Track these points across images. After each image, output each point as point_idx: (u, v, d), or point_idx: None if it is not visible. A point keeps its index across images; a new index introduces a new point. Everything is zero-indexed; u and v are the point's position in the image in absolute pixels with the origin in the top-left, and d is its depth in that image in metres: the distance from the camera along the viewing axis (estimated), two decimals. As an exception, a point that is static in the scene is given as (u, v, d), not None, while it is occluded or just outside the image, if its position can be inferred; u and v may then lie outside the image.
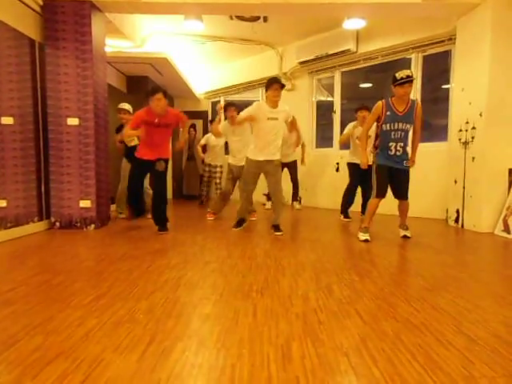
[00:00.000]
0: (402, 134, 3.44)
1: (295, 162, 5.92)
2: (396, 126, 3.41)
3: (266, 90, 3.68)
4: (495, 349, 1.42)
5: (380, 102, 3.47)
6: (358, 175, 4.71)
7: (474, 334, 1.54)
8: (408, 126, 3.44)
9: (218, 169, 5.94)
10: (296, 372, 1.25)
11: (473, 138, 4.23)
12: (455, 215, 4.51)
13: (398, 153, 3.48)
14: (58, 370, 1.25)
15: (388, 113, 3.41)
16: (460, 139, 4.42)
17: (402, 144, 3.46)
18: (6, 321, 1.65)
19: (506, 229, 3.89)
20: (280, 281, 2.27)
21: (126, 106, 4.94)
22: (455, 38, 4.63)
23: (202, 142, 5.89)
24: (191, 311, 1.79)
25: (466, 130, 4.32)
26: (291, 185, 6.02)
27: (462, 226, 4.38)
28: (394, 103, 3.43)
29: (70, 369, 1.26)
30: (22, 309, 1.79)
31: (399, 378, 1.21)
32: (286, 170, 5.70)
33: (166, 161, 3.92)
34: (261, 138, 3.76)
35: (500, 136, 4.05)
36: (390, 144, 3.46)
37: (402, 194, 3.60)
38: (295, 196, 6.09)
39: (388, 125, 3.42)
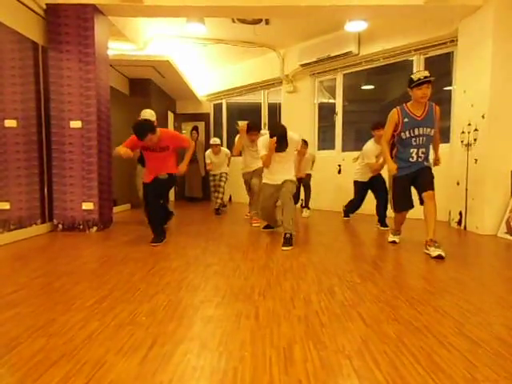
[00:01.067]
0: (424, 139, 3.17)
1: (309, 176, 5.87)
2: (416, 132, 3.15)
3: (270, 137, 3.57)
4: (498, 351, 1.42)
5: (395, 110, 3.23)
6: (364, 193, 4.80)
7: (476, 337, 1.54)
8: (429, 130, 3.16)
9: (224, 175, 6.12)
10: (298, 375, 1.25)
11: (475, 139, 4.22)
12: (458, 217, 4.50)
13: (419, 159, 3.22)
14: (60, 372, 1.25)
15: (405, 119, 3.16)
16: (462, 141, 4.41)
17: (424, 150, 3.20)
18: (8, 323, 1.66)
19: (509, 231, 3.88)
20: (282, 283, 2.27)
21: (148, 113, 4.30)
22: (457, 40, 4.63)
23: (207, 161, 6.09)
24: (193, 314, 1.79)
25: (469, 132, 4.31)
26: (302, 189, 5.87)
27: (465, 228, 4.37)
28: (410, 108, 3.18)
29: (72, 371, 1.26)
30: (25, 311, 1.80)
31: (402, 381, 1.21)
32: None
33: (171, 175, 3.60)
34: (271, 167, 3.73)
35: (502, 138, 4.04)
36: (411, 150, 3.20)
37: (425, 184, 3.21)
38: (306, 202, 5.89)
39: (407, 132, 3.17)
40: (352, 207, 5.06)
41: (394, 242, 3.55)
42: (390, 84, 6.55)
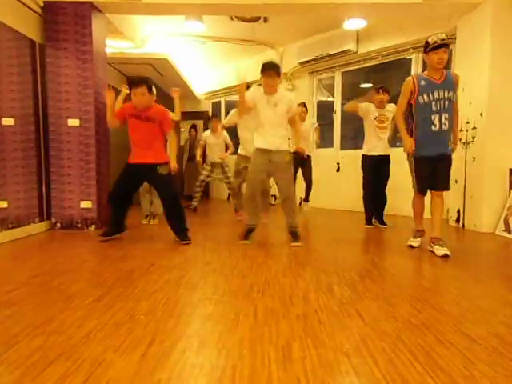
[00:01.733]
0: (446, 103, 2.89)
1: (309, 158, 5.50)
2: (436, 95, 2.88)
3: (261, 76, 3.26)
4: (496, 349, 1.42)
5: (409, 77, 3.00)
6: (373, 169, 4.32)
7: (474, 334, 1.54)
8: (451, 93, 2.89)
9: (226, 168, 5.47)
10: (297, 372, 1.25)
11: (473, 137, 4.23)
12: (456, 215, 4.50)
13: (444, 127, 2.91)
14: (58, 370, 1.25)
15: (422, 82, 2.91)
16: (460, 139, 4.41)
17: (447, 115, 2.90)
18: (6, 321, 1.66)
19: (507, 229, 3.89)
20: (281, 281, 2.27)
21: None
22: (455, 38, 4.63)
23: (202, 142, 5.66)
24: (192, 311, 1.79)
25: (467, 130, 4.31)
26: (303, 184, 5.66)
27: (463, 226, 4.38)
28: (427, 74, 2.95)
29: (70, 369, 1.26)
30: (23, 309, 1.80)
31: (400, 378, 1.21)
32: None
33: (167, 164, 3.44)
34: (261, 126, 3.30)
35: (501, 136, 4.04)
36: (433, 117, 2.90)
37: (440, 181, 2.98)
38: (307, 196, 5.71)
39: (425, 95, 2.89)
40: (367, 198, 4.43)
41: (411, 246, 3.22)
42: (389, 82, 6.54)
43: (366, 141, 4.43)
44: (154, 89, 3.53)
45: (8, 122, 3.61)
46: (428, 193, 3.11)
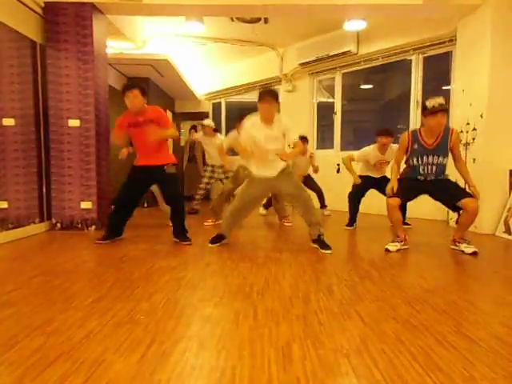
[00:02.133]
0: (434, 168, 3.04)
1: (308, 175, 5.65)
2: (425, 160, 3.02)
3: (258, 102, 3.07)
4: (496, 350, 1.42)
5: (405, 134, 3.11)
6: (362, 188, 4.35)
7: (474, 335, 1.54)
8: (441, 158, 3.00)
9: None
10: (297, 373, 1.25)
11: (473, 139, 4.23)
12: (456, 216, 4.49)
13: (428, 178, 3.11)
14: (58, 371, 1.25)
15: (415, 146, 3.03)
16: (461, 140, 4.41)
17: (432, 177, 3.10)
18: (6, 322, 1.66)
19: (507, 230, 3.89)
20: (280, 282, 2.27)
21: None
22: (456, 40, 4.64)
23: (197, 142, 5.60)
24: (192, 313, 1.79)
25: (467, 132, 4.31)
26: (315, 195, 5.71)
27: (463, 227, 4.37)
28: (423, 134, 3.03)
29: (70, 370, 1.26)
30: (23, 310, 1.80)
31: (400, 380, 1.21)
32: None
33: (174, 165, 3.50)
34: (259, 158, 3.18)
35: (501, 137, 4.04)
36: (419, 177, 3.13)
37: (457, 195, 3.01)
38: (322, 202, 5.77)
39: (415, 159, 3.06)
40: (352, 204, 4.50)
41: (387, 250, 3.16)
42: (389, 83, 6.56)
43: (367, 167, 4.40)
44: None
45: (9, 122, 3.62)
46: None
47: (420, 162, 3.04)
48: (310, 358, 1.35)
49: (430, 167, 3.03)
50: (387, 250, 3.16)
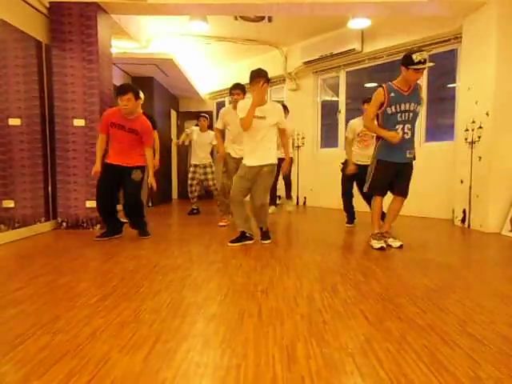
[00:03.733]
0: (411, 114, 3.10)
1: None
2: (403, 107, 3.08)
3: (250, 85, 3.18)
4: (501, 349, 1.41)
5: (380, 88, 3.13)
6: (352, 177, 4.33)
7: (479, 335, 1.54)
8: (416, 105, 3.09)
9: (208, 169, 5.42)
10: (301, 372, 1.25)
11: (479, 137, 4.20)
12: (461, 215, 4.48)
13: (406, 136, 3.11)
14: (64, 369, 1.26)
15: (392, 94, 3.08)
16: (466, 139, 4.39)
17: (409, 126, 3.12)
18: (13, 320, 1.67)
19: (513, 229, 3.86)
20: (285, 281, 2.28)
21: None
22: (461, 37, 4.60)
23: (189, 131, 5.53)
24: (196, 311, 1.80)
25: (473, 130, 4.29)
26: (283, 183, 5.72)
27: (469, 226, 4.35)
28: (398, 85, 3.11)
29: (76, 368, 1.27)
30: (30, 308, 1.81)
31: (405, 379, 1.21)
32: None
33: (142, 169, 3.60)
34: (248, 141, 3.29)
35: (507, 135, 4.01)
36: (397, 127, 3.10)
37: (401, 188, 3.23)
38: (288, 193, 5.76)
39: (393, 107, 3.09)
40: (348, 206, 4.52)
41: (382, 248, 3.16)
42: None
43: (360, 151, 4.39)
44: (141, 94, 3.68)
45: (15, 122, 3.64)
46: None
47: (398, 109, 3.09)
48: (315, 357, 1.35)
49: (407, 114, 3.10)
50: (382, 249, 3.17)
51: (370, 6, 4.14)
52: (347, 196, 4.52)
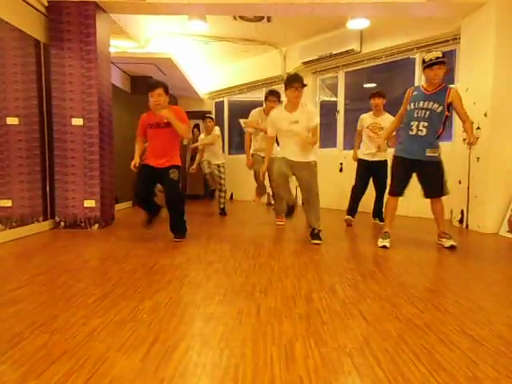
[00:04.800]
0: (427, 112, 3.10)
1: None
2: (420, 105, 3.13)
3: (285, 89, 3.34)
4: (499, 349, 1.42)
5: (409, 88, 3.31)
6: (365, 174, 4.45)
7: (477, 335, 1.54)
8: (436, 105, 3.08)
9: (222, 169, 5.48)
10: (299, 372, 1.25)
11: (477, 138, 4.20)
12: (459, 216, 4.49)
13: (420, 133, 3.13)
14: (62, 368, 1.26)
15: (415, 93, 3.21)
16: (464, 139, 4.39)
17: (425, 124, 3.11)
18: (10, 319, 1.67)
19: (511, 229, 3.87)
20: (283, 281, 2.28)
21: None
22: (459, 38, 4.61)
23: (200, 146, 5.60)
24: (195, 311, 1.80)
25: (471, 130, 4.29)
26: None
27: (467, 226, 4.36)
28: (424, 86, 3.21)
29: (74, 367, 1.27)
30: (27, 307, 1.81)
31: (402, 379, 1.21)
32: None
33: (178, 168, 3.54)
34: (284, 145, 3.53)
35: (505, 136, 4.02)
36: (412, 123, 3.16)
37: (431, 190, 3.22)
38: None
39: (412, 104, 3.18)
40: (353, 199, 4.55)
41: (384, 246, 3.23)
42: (392, 82, 6.53)
43: (362, 144, 4.58)
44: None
45: (12, 121, 3.64)
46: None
47: (415, 107, 3.16)
48: (313, 357, 1.35)
49: (423, 112, 3.13)
50: (384, 247, 3.22)
51: (369, 6, 4.15)
52: (356, 194, 4.53)
